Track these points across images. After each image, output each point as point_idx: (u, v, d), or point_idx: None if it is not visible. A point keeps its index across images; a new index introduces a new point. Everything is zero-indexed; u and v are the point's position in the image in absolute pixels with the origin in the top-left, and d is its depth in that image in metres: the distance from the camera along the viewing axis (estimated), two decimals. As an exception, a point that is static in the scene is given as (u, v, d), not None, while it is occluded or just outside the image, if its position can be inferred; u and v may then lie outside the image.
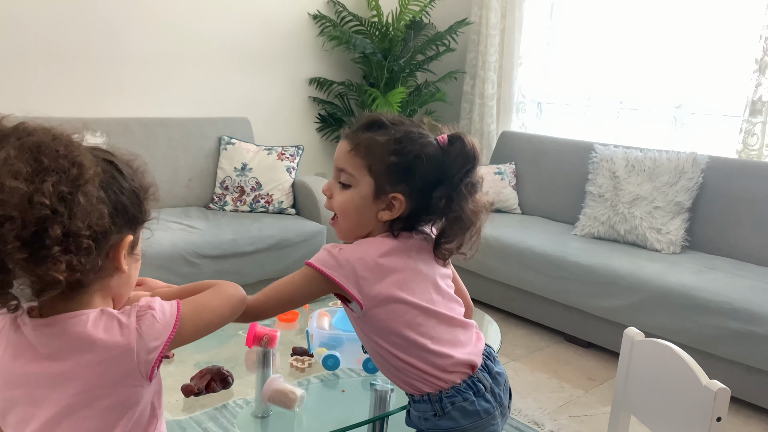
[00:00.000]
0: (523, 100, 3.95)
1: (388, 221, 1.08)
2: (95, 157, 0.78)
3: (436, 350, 1.06)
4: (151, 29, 3.23)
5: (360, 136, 1.08)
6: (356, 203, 1.07)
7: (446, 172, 1.05)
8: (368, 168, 1.06)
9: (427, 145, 1.07)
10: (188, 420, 1.44)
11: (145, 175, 0.85)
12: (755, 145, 2.91)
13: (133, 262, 0.86)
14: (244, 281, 2.89)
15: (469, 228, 1.07)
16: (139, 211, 0.83)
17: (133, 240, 0.83)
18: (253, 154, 3.27)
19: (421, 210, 1.08)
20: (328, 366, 1.52)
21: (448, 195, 1.05)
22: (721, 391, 1.10)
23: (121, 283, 0.84)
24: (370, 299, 1.03)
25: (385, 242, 1.08)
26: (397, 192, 1.05)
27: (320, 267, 1.03)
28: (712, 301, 2.38)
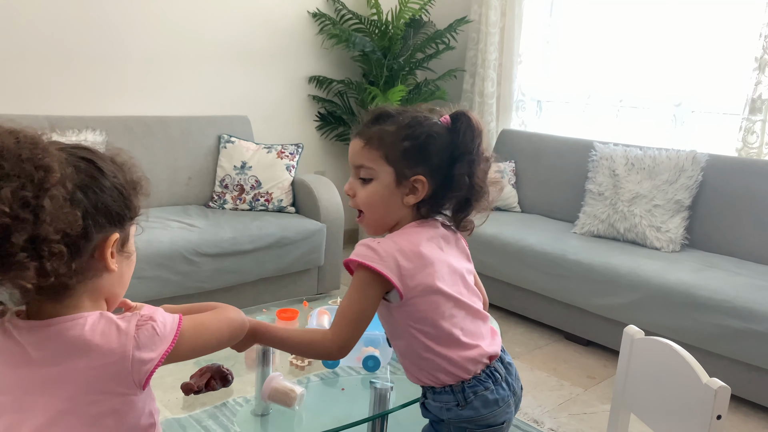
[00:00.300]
0: (522, 98, 3.95)
1: (415, 205, 1.12)
2: (72, 157, 0.77)
3: (466, 342, 1.10)
4: (151, 28, 3.22)
5: (370, 130, 1.12)
6: (380, 194, 1.11)
7: (459, 147, 1.10)
8: (385, 157, 1.10)
9: (435, 125, 1.11)
10: (188, 418, 1.44)
11: (131, 170, 0.84)
12: (755, 144, 2.91)
13: (123, 259, 0.84)
14: (243, 279, 2.92)
15: (484, 200, 1.12)
16: (125, 207, 0.81)
17: (122, 237, 0.82)
18: (253, 153, 3.26)
19: (444, 188, 1.11)
20: (328, 364, 1.52)
21: (468, 169, 1.09)
22: (721, 389, 1.10)
23: (112, 282, 0.83)
24: (410, 289, 1.06)
25: (419, 232, 1.11)
26: (418, 174, 1.09)
27: (363, 261, 1.05)
28: (711, 299, 2.38)
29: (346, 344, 1.06)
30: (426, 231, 1.12)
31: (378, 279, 1.05)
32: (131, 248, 0.86)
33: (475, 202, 1.12)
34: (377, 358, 1.52)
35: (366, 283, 1.06)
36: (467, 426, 1.12)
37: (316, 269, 3.17)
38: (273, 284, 2.99)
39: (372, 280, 1.05)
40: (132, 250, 0.87)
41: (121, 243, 0.83)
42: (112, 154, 0.84)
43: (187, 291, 2.63)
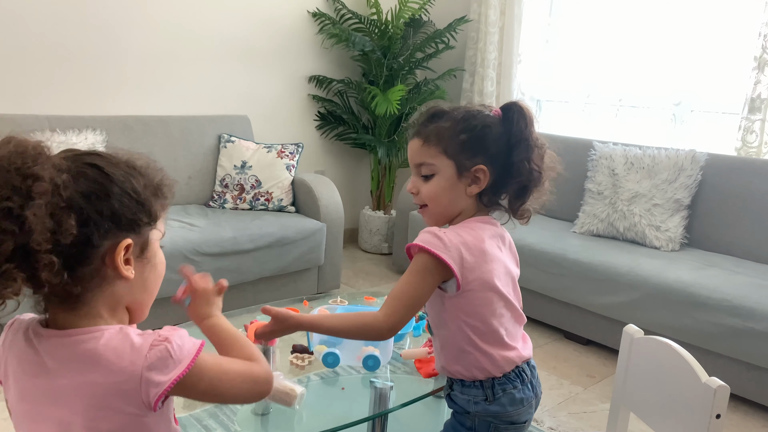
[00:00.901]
0: (522, 97, 3.95)
1: (477, 194, 1.15)
2: (78, 164, 0.76)
3: (507, 342, 1.15)
4: (151, 27, 3.22)
5: (426, 128, 1.16)
6: (443, 187, 1.14)
7: (514, 135, 1.13)
8: (444, 152, 1.13)
9: (488, 116, 1.15)
10: (188, 417, 1.45)
11: (152, 174, 0.83)
12: (754, 143, 2.91)
13: (144, 265, 0.82)
14: (243, 279, 2.92)
15: (541, 186, 1.16)
16: (139, 212, 0.79)
17: (139, 243, 0.80)
18: (253, 152, 3.27)
19: (504, 175, 1.14)
20: (328, 363, 1.52)
21: (526, 155, 1.12)
22: (720, 388, 1.11)
23: (131, 290, 0.81)
24: (468, 282, 1.09)
25: (483, 228, 1.14)
26: (478, 164, 1.12)
27: (429, 247, 1.07)
28: (711, 298, 2.39)
29: (396, 325, 1.08)
30: (488, 228, 1.15)
31: (439, 267, 1.07)
32: (154, 254, 0.84)
33: (534, 189, 1.15)
34: (377, 358, 1.52)
35: (427, 269, 1.08)
36: (492, 421, 1.15)
37: (316, 268, 3.18)
38: (273, 283, 3.00)
39: (434, 267, 1.08)
40: (155, 255, 0.84)
41: (140, 249, 0.81)
42: (130, 158, 0.82)
43: (188, 290, 2.64)
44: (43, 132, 2.68)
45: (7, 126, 2.65)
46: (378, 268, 3.86)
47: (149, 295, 0.86)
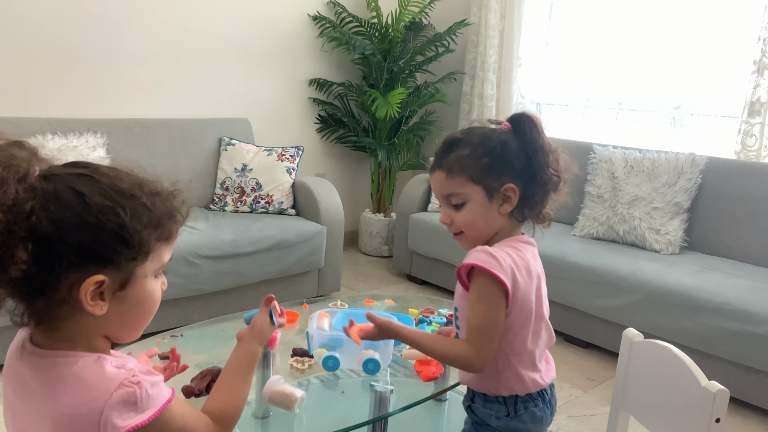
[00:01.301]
0: (522, 101, 3.96)
1: (512, 211, 1.16)
2: (60, 186, 0.70)
3: (537, 365, 1.18)
4: (152, 30, 3.23)
5: (447, 159, 1.16)
6: (477, 212, 1.15)
7: (530, 145, 1.14)
8: (470, 179, 1.14)
9: (502, 133, 1.16)
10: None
11: (155, 203, 0.76)
12: (754, 146, 2.92)
13: (122, 301, 0.76)
14: (244, 282, 2.93)
15: (560, 187, 1.17)
16: (120, 246, 0.72)
17: (120, 278, 0.74)
18: (253, 155, 3.27)
19: (531, 187, 1.15)
20: (328, 367, 1.52)
21: (541, 165, 1.13)
22: (720, 392, 1.11)
23: (107, 324, 0.76)
24: (515, 302, 1.10)
25: (525, 248, 1.16)
26: (506, 183, 1.13)
27: (489, 268, 1.07)
28: (710, 302, 2.39)
29: (488, 356, 1.10)
30: (530, 249, 1.17)
31: (500, 287, 1.08)
32: (139, 290, 0.77)
33: (554, 192, 1.17)
34: (377, 361, 1.52)
35: (492, 292, 1.08)
36: None
37: (316, 271, 3.18)
38: (273, 286, 3.00)
39: (496, 289, 1.08)
40: (140, 291, 0.77)
41: (120, 284, 0.74)
42: (138, 183, 0.76)
43: (189, 293, 2.64)
44: (44, 135, 2.69)
45: (7, 129, 2.66)
46: (378, 271, 3.86)
47: (130, 329, 0.80)
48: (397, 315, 1.75)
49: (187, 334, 1.76)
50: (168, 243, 0.80)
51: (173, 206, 0.79)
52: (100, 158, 2.79)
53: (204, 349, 1.74)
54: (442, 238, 3.35)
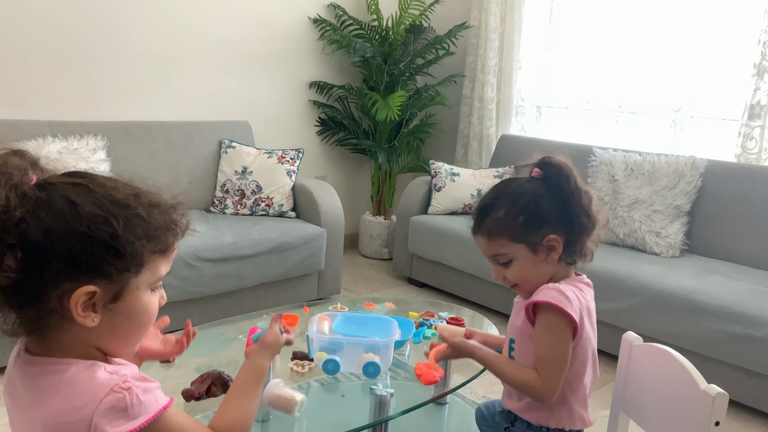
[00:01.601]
0: (522, 103, 3.96)
1: (560, 258, 1.19)
2: (53, 195, 0.70)
3: (587, 404, 1.22)
4: (152, 32, 3.24)
5: (485, 225, 1.20)
6: (525, 267, 1.19)
7: (561, 191, 1.17)
8: (511, 239, 1.18)
9: (531, 188, 1.19)
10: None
11: (151, 215, 0.75)
12: (754, 149, 2.92)
13: (114, 314, 0.74)
14: (244, 284, 2.92)
15: (597, 223, 1.20)
16: (112, 257, 0.71)
17: (113, 289, 0.72)
18: (254, 158, 3.27)
19: (572, 231, 1.18)
20: (328, 370, 1.52)
21: (578, 210, 1.17)
22: (719, 395, 1.11)
23: (98, 335, 0.74)
24: (579, 339, 1.16)
25: (586, 290, 1.20)
26: (547, 235, 1.17)
27: (561, 305, 1.11)
28: (710, 305, 2.39)
29: (556, 388, 1.14)
30: (589, 290, 1.21)
31: (569, 323, 1.12)
32: (133, 303, 0.76)
33: (591, 233, 1.21)
34: (377, 365, 1.52)
35: (561, 326, 1.13)
36: None
37: (316, 274, 3.18)
38: (273, 289, 3.00)
39: (566, 324, 1.13)
40: (134, 304, 0.76)
41: (113, 296, 0.73)
42: (134, 193, 0.75)
43: (189, 296, 2.64)
44: (44, 137, 2.69)
45: (8, 131, 2.66)
46: (378, 274, 3.86)
47: (123, 343, 0.78)
48: (398, 318, 1.75)
49: (187, 337, 1.75)
50: (165, 256, 0.78)
51: (171, 218, 0.78)
52: (100, 160, 2.79)
53: (204, 352, 1.74)
54: (442, 241, 3.35)
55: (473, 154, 4.09)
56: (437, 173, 3.59)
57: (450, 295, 3.45)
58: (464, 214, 3.57)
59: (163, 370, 1.61)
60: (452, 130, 4.30)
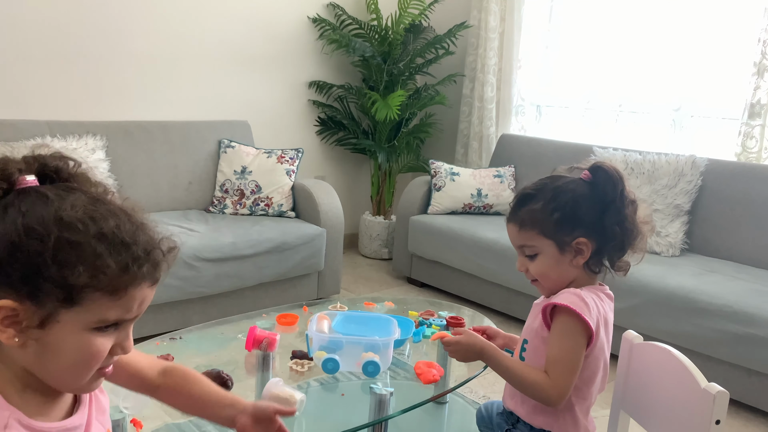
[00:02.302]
0: (522, 103, 3.96)
1: (585, 263, 1.18)
2: (11, 202, 0.66)
3: (590, 414, 1.22)
4: (151, 32, 3.23)
5: (519, 214, 1.20)
6: (549, 265, 1.19)
7: (605, 197, 1.15)
8: (542, 233, 1.17)
9: (576, 187, 1.17)
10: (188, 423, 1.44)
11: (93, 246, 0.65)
12: (754, 148, 2.91)
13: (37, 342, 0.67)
14: (243, 284, 2.92)
15: (639, 239, 1.18)
16: (21, 273, 0.64)
17: (40, 315, 0.65)
18: (253, 157, 3.27)
19: (604, 239, 1.16)
20: (328, 369, 1.52)
21: (617, 217, 1.15)
22: (719, 394, 1.10)
23: (22, 357, 0.68)
24: (593, 347, 1.14)
25: (605, 300, 1.19)
26: (578, 237, 1.15)
27: (579, 311, 1.11)
28: (711, 304, 2.39)
29: (564, 391, 1.13)
30: (609, 302, 1.20)
31: (585, 330, 1.12)
32: (60, 340, 0.67)
33: (629, 246, 1.18)
34: (377, 364, 1.52)
35: (577, 331, 1.12)
36: None
37: (316, 274, 3.18)
38: (273, 289, 3.00)
39: (582, 330, 1.12)
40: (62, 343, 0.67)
41: (39, 322, 0.66)
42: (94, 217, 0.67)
43: (188, 296, 2.64)
44: (43, 137, 2.69)
45: (7, 131, 2.66)
46: (378, 274, 3.86)
47: (54, 377, 0.70)
48: (397, 317, 1.74)
49: (186, 337, 1.75)
50: (113, 298, 0.67)
51: (134, 260, 0.67)
52: (99, 160, 2.79)
53: (203, 352, 1.74)
54: (442, 241, 3.35)
55: (473, 153, 4.09)
56: (437, 173, 3.58)
57: (450, 294, 3.45)
58: (464, 213, 3.56)
59: (162, 369, 1.60)
60: (452, 130, 4.30)
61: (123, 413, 1.24)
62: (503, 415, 1.28)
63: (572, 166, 1.22)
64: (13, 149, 2.56)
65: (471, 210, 3.56)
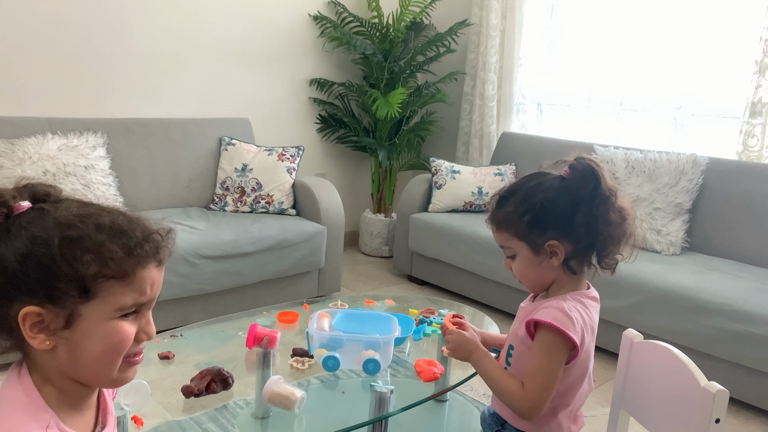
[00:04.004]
0: (523, 101, 3.96)
1: (563, 263, 1.16)
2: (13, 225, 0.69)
3: (576, 417, 1.22)
4: (152, 30, 3.23)
5: (495, 215, 1.20)
6: (525, 265, 1.18)
7: (576, 196, 1.12)
8: (515, 235, 1.17)
9: (547, 188, 1.15)
10: (188, 420, 1.45)
11: (103, 243, 0.70)
12: (755, 147, 2.91)
13: (66, 341, 0.71)
14: (244, 282, 2.93)
15: (622, 236, 1.14)
16: (37, 278, 0.68)
17: (64, 315, 0.69)
18: (254, 155, 3.27)
19: (581, 239, 1.13)
20: (328, 367, 1.52)
21: (587, 218, 1.11)
22: (719, 392, 1.10)
23: (56, 361, 0.72)
24: (578, 358, 1.14)
25: (593, 306, 1.19)
26: (549, 239, 1.13)
27: (563, 328, 1.10)
28: (711, 303, 2.39)
29: (536, 405, 1.12)
30: (595, 306, 1.20)
31: (567, 344, 1.11)
32: (85, 332, 0.71)
33: (609, 246, 1.14)
34: (377, 361, 1.52)
35: (557, 347, 1.11)
36: None
37: (316, 271, 3.18)
38: (273, 286, 3.00)
39: (563, 345, 1.11)
40: (88, 335, 0.71)
41: (65, 321, 0.70)
42: (85, 214, 0.71)
43: (188, 293, 2.64)
44: (43, 134, 2.69)
45: (7, 128, 2.66)
46: (378, 272, 3.86)
47: (89, 372, 0.74)
48: (398, 315, 1.75)
49: (186, 334, 1.75)
50: (125, 283, 0.72)
51: (134, 242, 0.72)
52: (99, 158, 2.79)
53: (204, 349, 1.74)
54: (442, 239, 3.35)
55: (474, 151, 4.09)
56: (438, 171, 3.58)
57: (450, 292, 3.45)
58: (465, 211, 3.56)
59: (163, 366, 1.61)
60: (453, 128, 4.30)
61: (124, 410, 1.24)
62: (493, 416, 1.28)
63: (558, 161, 1.19)
64: (14, 146, 2.56)
65: (471, 208, 3.56)
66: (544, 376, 1.11)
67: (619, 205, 1.14)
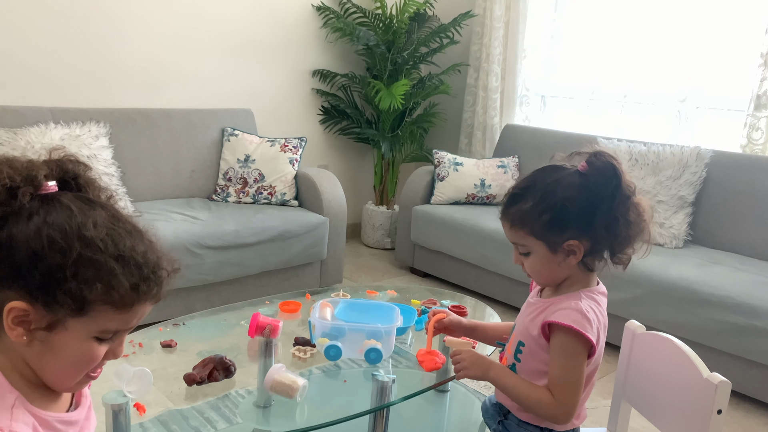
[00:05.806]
0: (526, 93, 3.94)
1: (581, 261, 1.14)
2: (35, 208, 0.69)
3: (583, 408, 1.21)
4: (155, 20, 3.22)
5: (510, 212, 1.16)
6: (541, 264, 1.15)
7: (596, 195, 1.09)
8: (531, 233, 1.13)
9: (567, 186, 1.11)
10: (190, 409, 1.45)
11: (107, 264, 0.69)
12: (759, 140, 2.90)
13: (42, 344, 0.71)
14: (246, 272, 2.93)
15: (639, 234, 1.13)
16: (41, 282, 0.68)
17: (48, 319, 0.69)
18: (256, 146, 3.27)
19: (599, 238, 1.12)
20: (330, 356, 1.52)
21: (608, 219, 1.09)
22: (721, 383, 1.10)
23: (28, 354, 0.72)
24: (594, 357, 1.14)
25: (604, 302, 1.17)
26: (568, 239, 1.11)
27: (582, 330, 1.09)
28: (714, 295, 2.38)
29: (570, 411, 1.12)
30: (605, 301, 1.18)
31: (586, 345, 1.10)
32: (62, 344, 0.71)
33: (626, 245, 1.13)
34: (379, 351, 1.52)
35: (578, 350, 1.11)
36: None
37: (318, 262, 3.18)
38: (276, 277, 3.00)
39: (582, 347, 1.11)
40: (64, 347, 0.71)
41: (47, 325, 0.70)
42: (114, 239, 0.71)
43: (191, 283, 2.64)
44: (46, 124, 2.68)
45: (10, 117, 2.66)
46: (380, 263, 3.86)
47: (50, 376, 0.75)
48: (400, 305, 1.75)
49: (189, 324, 1.76)
50: (119, 312, 0.72)
51: (144, 280, 0.72)
52: (102, 147, 2.79)
53: (206, 337, 1.75)
54: (444, 231, 3.35)
55: (477, 143, 4.08)
56: (440, 163, 3.57)
57: (452, 284, 3.45)
58: (467, 204, 3.56)
59: (166, 355, 1.61)
60: (456, 120, 4.29)
61: (126, 398, 1.24)
62: (496, 406, 1.28)
63: (573, 153, 1.16)
64: (17, 135, 2.56)
65: (474, 200, 3.55)
66: (573, 381, 1.11)
67: (637, 202, 1.12)
